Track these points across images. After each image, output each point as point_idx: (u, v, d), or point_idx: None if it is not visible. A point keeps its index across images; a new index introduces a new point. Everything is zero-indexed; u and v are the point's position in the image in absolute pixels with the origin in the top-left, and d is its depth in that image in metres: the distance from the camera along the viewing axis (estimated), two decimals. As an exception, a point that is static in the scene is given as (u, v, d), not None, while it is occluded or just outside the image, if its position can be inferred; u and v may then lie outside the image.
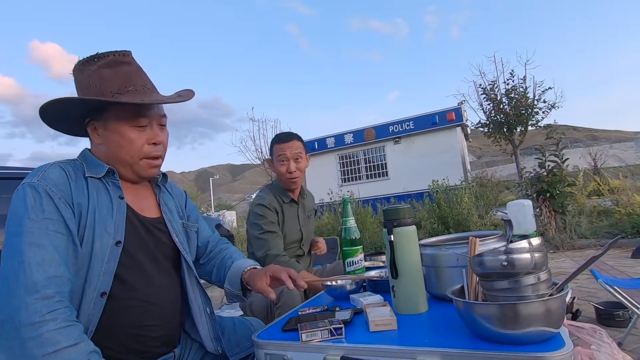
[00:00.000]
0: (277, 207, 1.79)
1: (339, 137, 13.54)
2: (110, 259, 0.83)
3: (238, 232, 9.17)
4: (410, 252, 0.97)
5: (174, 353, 0.96)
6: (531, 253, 0.72)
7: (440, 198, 6.35)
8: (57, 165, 0.87)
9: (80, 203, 0.84)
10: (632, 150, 23.22)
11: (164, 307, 0.92)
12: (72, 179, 0.85)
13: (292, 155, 1.77)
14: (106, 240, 0.83)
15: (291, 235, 1.82)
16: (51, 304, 0.70)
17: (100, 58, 0.90)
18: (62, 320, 0.70)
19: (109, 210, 0.87)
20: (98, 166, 0.91)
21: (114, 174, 0.92)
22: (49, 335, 0.68)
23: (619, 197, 5.68)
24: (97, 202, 0.86)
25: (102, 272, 0.82)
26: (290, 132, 1.89)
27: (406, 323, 0.88)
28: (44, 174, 0.83)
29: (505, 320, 0.68)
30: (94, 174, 0.89)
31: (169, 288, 0.95)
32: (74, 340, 0.70)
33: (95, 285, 0.81)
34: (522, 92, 9.04)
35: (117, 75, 0.90)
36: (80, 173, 0.88)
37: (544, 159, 5.13)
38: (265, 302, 1.56)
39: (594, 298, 2.45)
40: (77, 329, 0.73)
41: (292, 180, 1.78)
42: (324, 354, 0.80)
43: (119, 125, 0.90)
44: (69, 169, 0.87)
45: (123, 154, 0.91)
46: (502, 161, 28.77)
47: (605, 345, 1.01)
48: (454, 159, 11.63)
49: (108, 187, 0.90)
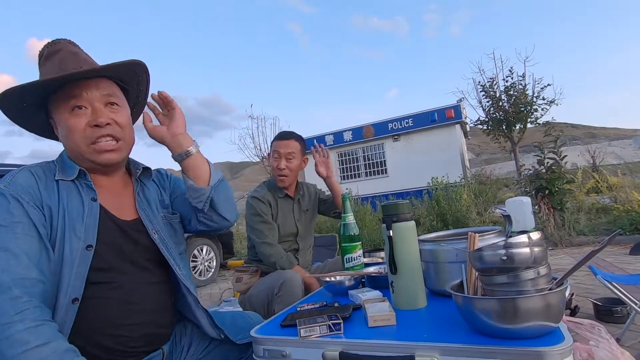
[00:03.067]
0: (270, 200, 1.84)
1: (338, 135, 13.54)
2: (81, 264, 0.81)
3: (237, 229, 9.16)
4: (409, 247, 0.97)
5: (162, 350, 0.93)
6: (530, 247, 0.72)
7: (439, 195, 6.35)
8: (27, 169, 0.85)
9: (49, 206, 0.82)
10: (630, 147, 23.28)
11: (145, 305, 0.89)
12: (41, 181, 0.84)
13: (285, 153, 1.82)
14: (76, 244, 0.81)
15: (286, 228, 1.86)
16: (19, 304, 0.68)
17: (42, 54, 0.90)
18: (30, 320, 0.68)
19: (80, 213, 0.84)
20: (70, 168, 0.88)
21: (86, 175, 0.89)
22: (18, 336, 0.66)
23: (617, 194, 5.69)
24: (67, 204, 0.84)
25: (72, 277, 0.80)
26: (293, 132, 1.93)
27: (405, 318, 0.88)
28: (11, 180, 0.82)
29: (504, 315, 0.67)
30: (65, 177, 0.87)
31: (152, 287, 0.92)
32: (45, 339, 0.68)
33: (66, 291, 0.79)
34: (521, 89, 9.05)
35: (52, 65, 0.87)
36: (51, 175, 0.87)
37: (542, 156, 5.13)
38: (264, 297, 1.58)
39: (592, 294, 2.46)
40: (48, 328, 0.71)
41: (280, 176, 1.83)
42: (323, 350, 0.79)
43: (60, 115, 0.87)
44: (39, 172, 0.86)
45: (71, 144, 0.87)
46: (501, 158, 28.82)
47: (603, 341, 1.01)
48: (453, 157, 11.65)
49: (80, 189, 0.87)
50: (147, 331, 0.89)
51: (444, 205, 6.14)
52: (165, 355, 0.94)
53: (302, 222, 1.94)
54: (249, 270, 1.83)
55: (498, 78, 9.41)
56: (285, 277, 1.55)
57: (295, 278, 1.56)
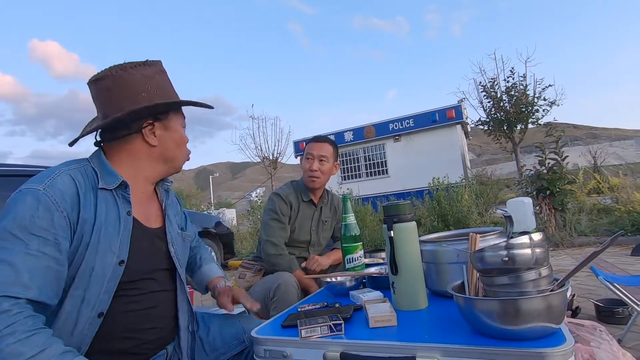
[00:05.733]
0: (292, 202, 1.82)
1: (339, 135, 13.52)
2: (111, 279, 0.81)
3: (238, 230, 9.16)
4: (410, 248, 0.97)
5: (166, 350, 0.96)
6: (532, 248, 0.72)
7: (440, 196, 6.34)
8: (68, 173, 0.82)
9: (85, 218, 0.80)
10: (632, 148, 23.23)
11: (160, 312, 0.93)
12: (81, 190, 0.81)
13: (318, 155, 1.82)
14: (109, 259, 0.80)
15: (300, 234, 1.83)
16: (7, 317, 0.66)
17: (149, 64, 0.92)
18: (22, 332, 0.66)
19: (116, 227, 0.83)
20: (111, 175, 0.87)
21: (127, 187, 0.88)
22: (10, 350, 0.64)
23: (618, 195, 5.67)
24: (105, 218, 0.82)
25: (102, 291, 0.79)
26: (327, 137, 1.95)
27: (406, 319, 0.88)
28: (51, 182, 0.78)
29: (506, 316, 0.67)
30: (106, 185, 0.85)
31: (166, 294, 0.96)
32: (40, 347, 0.67)
33: (93, 306, 0.79)
34: (522, 89, 9.02)
35: (166, 83, 0.95)
36: (90, 183, 0.84)
37: (544, 156, 5.12)
38: (262, 299, 1.57)
39: (593, 295, 2.45)
40: (42, 336, 0.69)
41: (311, 178, 1.82)
42: (324, 350, 0.79)
43: (178, 126, 0.97)
44: (79, 178, 0.83)
45: (179, 152, 0.98)
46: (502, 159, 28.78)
47: (605, 343, 1.01)
48: (454, 157, 11.62)
49: (117, 200, 0.86)
50: (160, 334, 0.93)
51: (445, 205, 6.14)
52: (169, 354, 0.97)
53: (318, 232, 1.90)
54: (252, 268, 1.82)
55: (499, 78, 9.39)
56: (280, 281, 1.52)
57: (290, 282, 1.52)
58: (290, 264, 1.68)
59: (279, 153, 12.67)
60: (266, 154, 12.49)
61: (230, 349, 1.05)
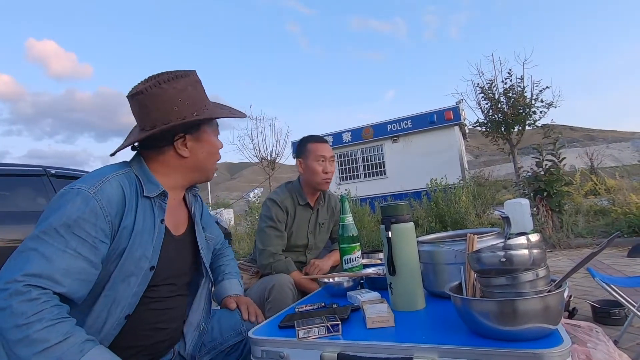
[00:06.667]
0: (288, 207, 1.76)
1: (337, 136, 13.53)
2: (142, 283, 0.85)
3: (236, 230, 9.15)
4: (408, 249, 0.97)
5: (173, 350, 1.00)
6: (529, 249, 0.72)
7: (438, 197, 6.35)
8: (116, 179, 0.85)
9: (126, 225, 0.83)
10: (628, 150, 23.32)
11: (175, 312, 0.97)
12: (127, 197, 0.85)
13: (330, 157, 1.78)
14: (143, 265, 0.85)
15: (297, 239, 1.79)
16: (36, 305, 0.69)
17: (182, 76, 0.92)
18: (48, 320, 0.70)
19: (150, 234, 0.87)
20: (154, 184, 0.91)
21: (166, 196, 0.92)
22: (36, 336, 0.68)
23: (615, 197, 5.69)
24: (143, 225, 0.86)
25: (131, 294, 0.84)
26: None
27: (403, 320, 0.88)
28: (101, 187, 0.81)
29: (503, 317, 0.67)
30: (149, 193, 0.89)
31: (182, 298, 1.01)
32: (64, 336, 0.70)
33: (122, 307, 0.83)
34: (519, 91, 9.05)
35: (199, 93, 0.95)
36: (135, 190, 0.88)
37: (541, 158, 5.14)
38: (257, 299, 1.56)
39: (590, 296, 2.46)
40: (67, 325, 0.72)
41: (326, 180, 1.77)
42: (321, 351, 0.79)
43: (211, 137, 0.99)
44: (126, 184, 0.87)
45: (212, 161, 1.00)
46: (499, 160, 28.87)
47: (601, 344, 1.01)
48: (451, 158, 11.65)
49: (154, 209, 0.90)
50: (173, 334, 0.98)
51: (443, 206, 6.15)
52: (176, 353, 1.01)
53: (315, 235, 1.86)
54: (250, 270, 1.80)
55: (497, 80, 9.41)
56: (274, 282, 1.50)
57: (284, 283, 1.50)
58: (286, 265, 1.66)
59: (277, 154, 12.68)
60: (264, 154, 12.49)
61: (227, 339, 1.08)
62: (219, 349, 1.07)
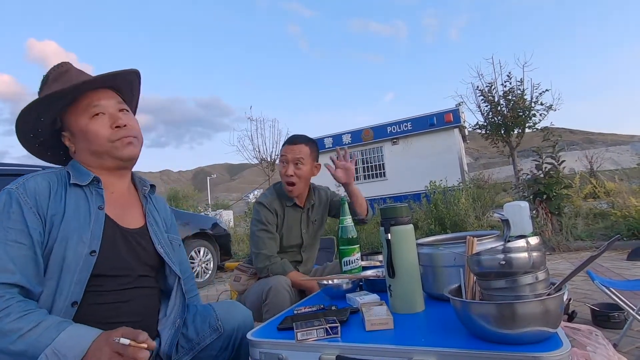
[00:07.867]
0: (277, 209, 1.73)
1: (337, 138, 13.55)
2: (83, 269, 0.85)
3: (235, 231, 9.14)
4: (407, 251, 0.97)
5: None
6: (529, 252, 0.72)
7: (438, 199, 6.35)
8: (41, 174, 0.91)
9: (55, 214, 0.86)
10: (627, 153, 23.35)
11: (133, 305, 0.94)
12: (52, 188, 0.89)
13: (293, 158, 1.69)
14: (80, 249, 0.85)
15: (290, 239, 1.77)
16: (2, 302, 0.73)
17: (48, 77, 0.97)
18: (17, 313, 0.73)
19: (87, 219, 0.89)
20: (84, 174, 0.94)
21: (99, 182, 0.95)
22: (8, 327, 0.71)
23: (614, 200, 5.69)
24: (75, 211, 0.89)
25: (73, 281, 0.84)
26: (304, 135, 1.80)
27: (403, 322, 0.88)
28: (24, 183, 0.87)
29: (502, 320, 0.67)
30: (79, 181, 0.92)
31: (142, 291, 0.97)
32: (37, 321, 0.73)
33: (65, 295, 0.83)
34: (519, 94, 9.07)
35: (64, 83, 0.94)
36: (63, 182, 0.92)
37: (540, 161, 5.14)
38: (256, 301, 1.55)
39: (589, 299, 2.45)
40: (37, 314, 0.75)
41: (287, 183, 1.70)
42: (320, 353, 0.79)
43: (78, 124, 0.95)
44: (52, 178, 0.91)
45: (94, 146, 0.95)
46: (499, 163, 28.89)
47: (601, 347, 1.01)
48: (451, 160, 11.67)
49: (89, 197, 0.92)
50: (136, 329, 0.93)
51: (442, 209, 6.15)
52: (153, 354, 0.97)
53: (309, 234, 1.82)
54: (248, 271, 1.79)
55: (497, 83, 9.43)
56: (271, 284, 1.48)
57: (281, 285, 1.48)
58: (283, 266, 1.64)
59: (277, 155, 12.68)
60: (264, 155, 12.49)
61: (204, 338, 1.04)
62: (197, 349, 1.03)
